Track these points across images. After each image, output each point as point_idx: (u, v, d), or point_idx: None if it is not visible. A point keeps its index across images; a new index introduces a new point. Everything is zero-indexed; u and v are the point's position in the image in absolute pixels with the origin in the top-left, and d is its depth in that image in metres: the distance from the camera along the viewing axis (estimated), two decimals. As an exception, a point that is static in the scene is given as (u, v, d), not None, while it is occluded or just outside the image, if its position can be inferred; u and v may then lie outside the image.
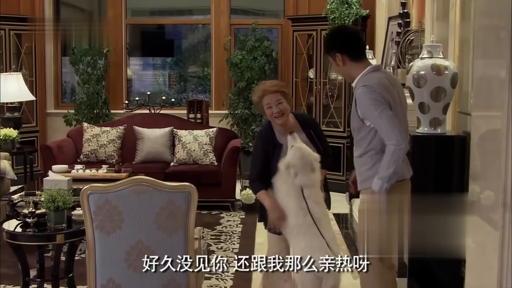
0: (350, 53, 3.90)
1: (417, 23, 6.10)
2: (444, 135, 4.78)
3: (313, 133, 4.39)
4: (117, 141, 8.34)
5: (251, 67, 9.49)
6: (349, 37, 3.97)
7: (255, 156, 4.39)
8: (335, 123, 9.18)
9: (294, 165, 4.11)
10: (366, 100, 3.74)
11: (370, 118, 3.78)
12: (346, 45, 3.92)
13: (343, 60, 3.90)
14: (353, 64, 3.90)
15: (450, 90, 4.65)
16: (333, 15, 8.67)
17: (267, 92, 4.26)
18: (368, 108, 3.75)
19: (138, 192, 3.94)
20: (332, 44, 3.99)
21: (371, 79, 3.82)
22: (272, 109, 4.24)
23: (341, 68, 3.97)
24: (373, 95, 3.73)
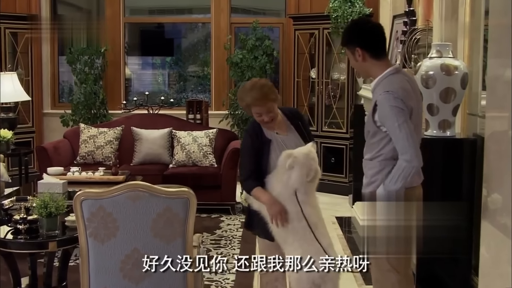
0: (372, 49, 3.63)
1: (424, 22, 5.91)
2: (454, 138, 4.60)
3: (301, 124, 4.22)
4: (115, 142, 8.16)
5: (251, 67, 9.32)
6: (372, 31, 3.69)
7: (245, 154, 4.19)
8: (337, 124, 9.01)
9: (295, 157, 3.92)
10: (388, 107, 3.50)
11: (389, 127, 3.54)
12: (368, 40, 3.65)
13: (363, 56, 3.63)
14: (374, 62, 3.64)
15: (460, 91, 4.47)
16: (335, 14, 8.52)
17: (255, 104, 4.01)
18: (389, 116, 3.51)
19: (133, 198, 3.75)
20: (352, 37, 3.70)
21: (393, 83, 3.58)
22: (262, 117, 4.04)
23: (359, 64, 3.70)
24: (396, 103, 3.49)
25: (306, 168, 3.93)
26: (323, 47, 9.04)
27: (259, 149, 4.09)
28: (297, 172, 3.93)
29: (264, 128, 4.11)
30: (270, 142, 4.09)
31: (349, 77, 8.79)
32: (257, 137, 4.10)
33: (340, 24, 8.45)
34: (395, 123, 3.47)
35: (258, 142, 4.09)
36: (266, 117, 4.02)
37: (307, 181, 3.93)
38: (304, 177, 3.92)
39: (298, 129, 4.19)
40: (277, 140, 4.10)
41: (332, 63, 9.09)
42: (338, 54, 8.87)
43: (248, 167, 4.11)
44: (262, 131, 4.12)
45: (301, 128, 4.21)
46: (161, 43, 11.44)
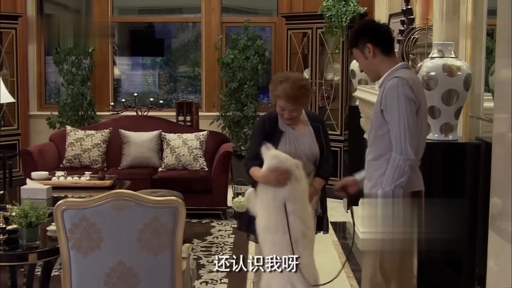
0: (382, 45, 3.59)
1: (422, 20, 5.70)
2: (456, 142, 4.38)
3: (321, 129, 4.19)
4: (102, 145, 7.93)
5: (243, 67, 9.17)
6: (381, 28, 3.69)
7: (254, 136, 4.25)
8: (331, 126, 8.79)
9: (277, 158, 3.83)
10: (395, 93, 3.40)
11: (389, 113, 3.43)
12: (379, 36, 3.62)
13: (374, 52, 3.58)
14: (384, 59, 3.59)
15: (463, 92, 4.26)
16: (329, 13, 8.33)
17: (284, 98, 3.99)
18: (394, 103, 3.40)
19: (118, 208, 3.52)
20: (363, 34, 3.65)
21: (404, 73, 3.50)
22: (284, 113, 4.05)
23: (369, 62, 3.63)
24: (405, 90, 3.40)
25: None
26: (316, 47, 8.86)
27: (269, 136, 4.06)
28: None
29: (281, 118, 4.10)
30: (282, 133, 4.09)
31: (343, 78, 8.60)
32: (270, 124, 4.12)
33: (334, 23, 8.28)
34: (397, 111, 3.38)
35: (270, 129, 4.11)
36: (288, 114, 4.02)
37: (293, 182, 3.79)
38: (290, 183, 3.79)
39: (316, 132, 4.18)
40: (289, 134, 4.09)
41: (325, 64, 8.90)
42: (332, 54, 8.69)
43: (254, 149, 4.08)
44: (278, 121, 4.12)
45: (320, 133, 4.18)
46: (151, 43, 11.29)
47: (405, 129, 3.35)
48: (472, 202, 4.27)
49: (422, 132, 3.56)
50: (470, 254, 4.34)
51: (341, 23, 8.22)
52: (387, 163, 3.44)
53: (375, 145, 3.55)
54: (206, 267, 5.75)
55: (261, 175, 3.91)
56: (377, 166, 3.53)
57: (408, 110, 3.37)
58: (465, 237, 4.32)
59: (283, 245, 3.73)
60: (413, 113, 3.39)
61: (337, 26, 8.23)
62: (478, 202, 4.23)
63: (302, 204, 3.85)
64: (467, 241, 4.32)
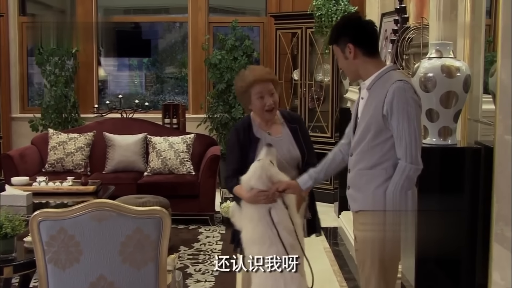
0: (365, 46, 3.30)
1: (416, 19, 5.51)
2: (455, 146, 4.17)
3: (299, 130, 3.94)
4: (86, 148, 7.69)
5: (231, 68, 8.96)
6: (364, 27, 3.36)
7: (230, 150, 3.96)
8: (321, 128, 8.62)
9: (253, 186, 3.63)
10: (403, 97, 3.14)
11: (395, 120, 3.16)
12: (361, 36, 3.31)
13: (355, 53, 3.29)
14: (366, 60, 3.30)
15: (463, 94, 4.06)
16: (319, 12, 8.13)
17: (260, 80, 3.82)
18: (404, 107, 3.14)
19: (99, 219, 3.30)
20: (343, 32, 3.35)
21: (402, 76, 3.26)
22: (265, 100, 3.82)
23: (349, 63, 3.34)
24: (414, 95, 3.17)
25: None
26: (306, 47, 8.67)
27: (245, 146, 3.85)
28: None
29: (255, 124, 3.91)
30: (258, 140, 3.84)
31: (334, 78, 8.42)
32: (244, 133, 3.90)
33: (324, 23, 8.08)
34: (407, 117, 3.12)
35: (245, 138, 3.87)
36: (268, 100, 3.82)
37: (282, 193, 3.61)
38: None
39: (295, 134, 3.93)
40: (266, 140, 3.83)
41: (315, 64, 8.72)
42: (322, 54, 8.50)
43: (232, 165, 3.90)
44: (252, 128, 3.91)
45: (298, 134, 3.93)
46: (138, 44, 11.12)
47: (415, 136, 3.13)
48: (472, 210, 4.06)
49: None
50: (470, 263, 4.14)
51: (331, 23, 8.02)
52: (385, 172, 3.21)
53: (370, 153, 3.28)
54: (194, 276, 5.53)
55: (248, 196, 3.70)
56: (371, 177, 3.27)
57: (418, 116, 3.17)
58: (464, 245, 4.12)
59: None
60: (420, 119, 3.20)
61: (327, 26, 8.04)
62: (478, 210, 4.03)
63: (289, 214, 3.64)
64: (467, 250, 4.12)
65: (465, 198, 4.10)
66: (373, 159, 3.26)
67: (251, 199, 3.65)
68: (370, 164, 3.26)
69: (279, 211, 3.61)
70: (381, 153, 3.24)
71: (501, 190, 3.11)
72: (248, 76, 3.87)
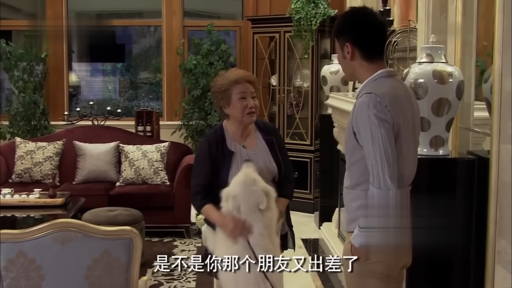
0: (365, 48, 2.96)
1: (402, 22, 5.28)
2: (448, 157, 3.91)
3: (275, 142, 3.71)
4: (55, 158, 7.37)
5: (206, 73, 8.80)
6: (370, 26, 2.97)
7: (199, 162, 3.66)
8: (300, 135, 8.37)
9: (235, 196, 3.35)
10: (365, 113, 2.79)
11: (362, 140, 2.84)
12: (363, 37, 2.95)
13: (353, 54, 2.97)
14: (364, 64, 2.97)
15: (455, 102, 3.79)
16: (298, 16, 7.93)
17: (242, 80, 3.61)
18: (365, 124, 2.80)
19: (62, 240, 3.02)
20: (345, 28, 3.01)
21: (381, 86, 2.88)
22: (247, 102, 3.58)
23: (346, 62, 3.03)
24: (377, 108, 2.77)
25: (252, 199, 3.36)
26: (284, 52, 8.45)
27: (217, 160, 3.58)
28: (244, 209, 3.36)
29: (228, 135, 3.67)
30: (232, 154, 3.61)
31: (313, 84, 8.19)
32: (217, 145, 3.63)
33: (303, 26, 7.88)
34: (370, 135, 2.78)
35: (217, 151, 3.60)
36: (250, 101, 3.61)
37: (261, 209, 3.35)
38: (256, 209, 3.35)
39: (271, 146, 3.71)
40: (241, 154, 3.61)
41: (294, 69, 8.50)
42: (301, 59, 8.28)
43: (200, 180, 3.63)
44: (225, 140, 3.66)
45: (275, 146, 3.70)
46: (112, 49, 10.93)
47: (381, 157, 2.75)
48: (466, 227, 3.79)
49: (408, 157, 2.95)
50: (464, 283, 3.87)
51: (310, 27, 7.83)
52: (364, 194, 2.87)
53: (350, 172, 2.99)
54: (168, 294, 5.24)
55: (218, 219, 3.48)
56: (353, 196, 2.97)
57: (384, 134, 2.78)
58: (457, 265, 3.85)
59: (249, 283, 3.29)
60: (390, 137, 2.80)
61: (307, 30, 7.86)
62: (473, 227, 3.76)
63: (268, 238, 3.37)
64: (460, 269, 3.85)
65: (458, 214, 3.83)
66: (353, 178, 2.97)
67: (223, 223, 3.43)
68: (352, 183, 2.97)
69: (257, 234, 3.34)
70: (359, 173, 2.93)
71: (504, 207, 2.85)
72: (230, 75, 3.65)
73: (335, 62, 7.24)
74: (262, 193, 3.38)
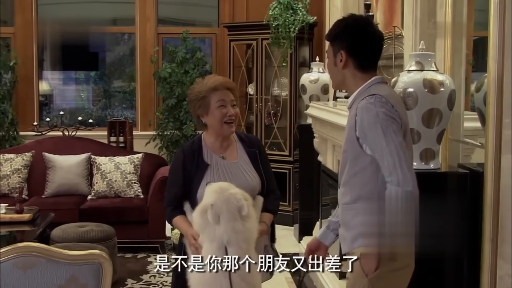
0: (360, 59, 2.85)
1: (385, 29, 5.07)
2: (439, 171, 3.68)
3: (258, 155, 3.51)
4: (23, 170, 7.07)
5: (182, 82, 8.61)
6: (369, 38, 2.88)
7: (173, 173, 3.52)
8: (279, 145, 8.17)
9: (213, 205, 3.10)
10: (373, 113, 2.66)
11: (371, 140, 2.70)
12: (360, 47, 2.85)
13: (346, 63, 2.86)
14: (356, 74, 2.86)
15: (447, 112, 3.58)
16: (276, 22, 7.74)
17: (222, 86, 3.42)
18: (373, 126, 2.66)
19: (24, 266, 2.77)
20: (342, 35, 2.88)
21: (382, 89, 2.77)
22: (227, 110, 3.39)
23: (337, 70, 2.91)
24: (385, 108, 2.66)
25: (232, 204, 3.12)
26: (262, 60, 8.27)
27: (192, 172, 3.40)
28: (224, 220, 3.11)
29: (206, 147, 3.49)
30: (206, 167, 3.43)
31: (292, 93, 8.01)
32: (192, 157, 3.46)
33: (281, 34, 7.70)
34: (382, 133, 2.64)
35: (192, 163, 3.46)
36: (230, 109, 3.43)
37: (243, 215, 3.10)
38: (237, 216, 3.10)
39: (254, 160, 3.53)
40: (219, 166, 3.43)
41: (272, 78, 8.32)
42: (279, 67, 8.09)
43: (171, 191, 3.50)
44: (201, 152, 3.48)
45: (258, 160, 3.51)
46: (85, 57, 10.60)
47: (397, 152, 2.61)
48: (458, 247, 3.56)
49: (410, 160, 2.81)
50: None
51: (288, 34, 7.65)
52: (370, 206, 2.70)
53: (351, 184, 2.80)
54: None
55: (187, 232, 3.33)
56: (356, 211, 2.77)
57: (396, 130, 2.66)
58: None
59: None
60: (400, 132, 2.69)
61: (285, 37, 7.67)
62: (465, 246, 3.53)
63: (247, 249, 3.12)
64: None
65: (449, 232, 3.60)
66: (355, 191, 2.77)
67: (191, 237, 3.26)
68: (353, 197, 2.77)
69: (236, 245, 3.08)
70: (362, 183, 2.75)
71: (506, 228, 2.63)
72: (208, 81, 3.45)
73: (315, 71, 7.07)
74: (241, 197, 3.14)
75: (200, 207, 3.19)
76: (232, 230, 3.10)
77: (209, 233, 3.13)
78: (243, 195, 3.18)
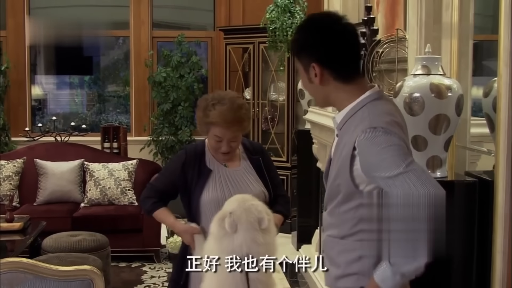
0: (337, 68, 2.35)
1: (386, 32, 4.93)
2: (446, 180, 3.53)
3: (262, 162, 3.39)
4: (14, 177, 6.93)
5: (177, 87, 8.48)
6: (340, 39, 2.34)
7: (167, 169, 3.52)
8: (276, 151, 8.03)
9: (231, 212, 2.89)
10: (383, 148, 2.19)
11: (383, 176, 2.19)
12: (333, 53, 2.33)
13: (322, 77, 2.35)
14: (339, 87, 2.37)
15: (455, 118, 3.42)
16: (273, 26, 7.59)
17: (225, 124, 3.18)
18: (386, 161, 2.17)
19: (10, 283, 2.65)
20: (307, 45, 2.36)
21: (380, 114, 2.31)
22: (221, 145, 3.24)
23: (314, 87, 2.40)
24: (393, 139, 2.20)
25: (252, 214, 2.89)
26: (258, 64, 8.15)
27: (192, 176, 3.28)
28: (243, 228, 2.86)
29: (209, 152, 3.35)
30: (209, 172, 3.29)
31: (289, 97, 7.90)
32: (194, 160, 3.32)
33: (278, 37, 7.55)
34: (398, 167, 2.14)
35: (194, 167, 3.31)
36: (226, 146, 3.24)
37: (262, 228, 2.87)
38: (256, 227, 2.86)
39: (257, 168, 3.40)
40: (221, 173, 3.33)
41: (269, 82, 8.21)
42: (276, 71, 7.98)
43: (158, 184, 3.40)
44: (204, 157, 3.35)
45: (261, 166, 3.37)
46: (79, 61, 10.55)
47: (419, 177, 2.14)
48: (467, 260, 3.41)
49: None
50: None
51: (286, 37, 7.49)
52: (359, 245, 2.34)
53: (341, 219, 2.39)
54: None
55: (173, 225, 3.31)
56: (343, 248, 2.39)
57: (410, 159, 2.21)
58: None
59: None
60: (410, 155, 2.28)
61: (282, 41, 7.52)
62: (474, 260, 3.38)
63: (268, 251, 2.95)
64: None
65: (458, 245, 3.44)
66: (345, 227, 2.38)
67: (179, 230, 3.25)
68: (342, 232, 2.39)
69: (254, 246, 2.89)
70: (355, 221, 2.35)
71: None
72: (214, 111, 3.18)
73: (313, 75, 6.93)
74: (263, 209, 2.97)
75: (219, 215, 3.01)
76: (251, 241, 2.89)
77: (227, 245, 2.92)
78: (265, 209, 3.02)
